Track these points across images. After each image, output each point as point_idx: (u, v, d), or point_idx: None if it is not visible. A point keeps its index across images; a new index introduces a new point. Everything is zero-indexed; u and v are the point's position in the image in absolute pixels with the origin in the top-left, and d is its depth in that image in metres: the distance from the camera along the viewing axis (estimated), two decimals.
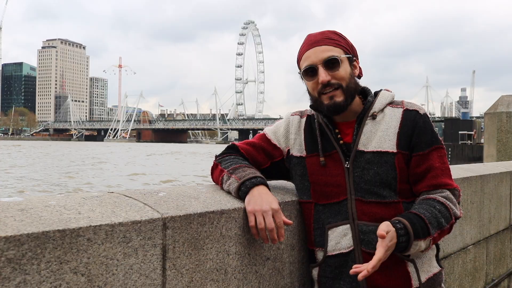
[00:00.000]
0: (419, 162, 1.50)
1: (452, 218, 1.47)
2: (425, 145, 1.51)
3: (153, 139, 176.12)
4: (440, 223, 1.43)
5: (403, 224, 1.37)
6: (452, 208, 1.47)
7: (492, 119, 7.67)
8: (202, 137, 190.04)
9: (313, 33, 1.59)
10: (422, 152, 1.50)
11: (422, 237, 1.39)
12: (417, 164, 1.50)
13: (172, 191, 1.41)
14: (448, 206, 1.46)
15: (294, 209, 1.62)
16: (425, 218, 1.40)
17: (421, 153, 1.50)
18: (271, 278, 1.53)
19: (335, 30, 1.59)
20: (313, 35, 1.57)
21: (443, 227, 1.44)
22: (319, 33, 1.57)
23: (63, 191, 18.71)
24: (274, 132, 1.68)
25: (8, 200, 1.07)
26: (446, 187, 1.50)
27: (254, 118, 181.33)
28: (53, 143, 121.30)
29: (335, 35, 1.56)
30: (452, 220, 1.47)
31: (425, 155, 1.50)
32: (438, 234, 1.44)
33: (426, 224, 1.39)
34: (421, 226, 1.39)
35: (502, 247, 3.80)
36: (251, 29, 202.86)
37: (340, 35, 1.58)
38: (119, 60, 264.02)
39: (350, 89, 1.52)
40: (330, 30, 1.59)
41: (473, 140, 47.41)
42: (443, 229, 1.45)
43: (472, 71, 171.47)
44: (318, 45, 1.52)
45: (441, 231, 1.44)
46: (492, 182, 3.45)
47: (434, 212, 1.43)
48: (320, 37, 1.54)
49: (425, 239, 1.40)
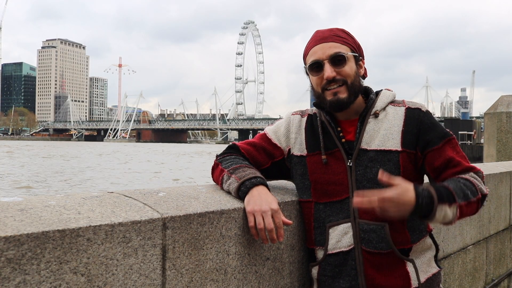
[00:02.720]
0: (436, 156, 1.49)
1: (479, 193, 1.43)
2: (438, 139, 1.50)
3: (153, 139, 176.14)
4: (466, 195, 1.38)
5: (424, 187, 1.33)
6: (478, 184, 1.44)
7: (492, 119, 7.67)
8: (202, 137, 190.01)
9: (322, 29, 1.60)
10: (437, 146, 1.50)
11: (447, 201, 1.34)
12: (434, 159, 1.49)
13: (172, 191, 1.41)
14: (474, 181, 1.44)
15: (294, 209, 1.62)
16: (449, 187, 1.37)
17: (435, 147, 1.49)
18: (271, 278, 1.53)
19: (343, 28, 1.59)
20: (321, 32, 1.57)
21: (470, 199, 1.39)
22: (327, 30, 1.58)
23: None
24: (275, 131, 1.68)
25: (8, 200, 1.07)
26: (470, 170, 1.49)
27: (254, 118, 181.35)
28: (51, 143, 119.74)
29: (343, 33, 1.57)
30: (479, 195, 1.43)
31: (439, 148, 1.50)
32: (465, 205, 1.38)
33: (451, 192, 1.35)
34: (446, 192, 1.35)
35: (502, 247, 3.80)
36: (251, 29, 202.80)
37: (348, 33, 1.58)
38: (119, 60, 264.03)
39: (354, 87, 1.52)
40: (339, 27, 1.59)
41: (473, 140, 47.43)
42: (470, 201, 1.40)
43: (472, 71, 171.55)
44: (325, 41, 1.52)
45: (468, 202, 1.39)
46: (492, 182, 3.45)
47: (459, 184, 1.40)
48: (328, 34, 1.55)
49: (451, 205, 1.34)
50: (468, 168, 1.49)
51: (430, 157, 1.50)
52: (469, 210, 1.41)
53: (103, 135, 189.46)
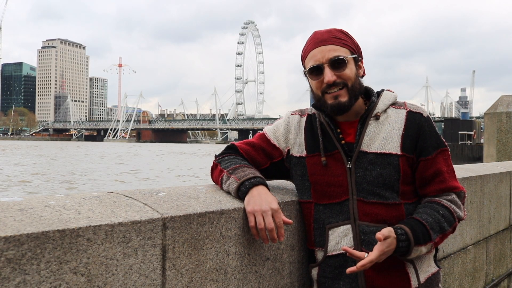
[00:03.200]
0: (427, 166, 1.51)
1: (456, 220, 1.50)
2: (432, 148, 1.51)
3: (153, 139, 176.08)
4: (442, 228, 1.45)
5: (404, 230, 1.39)
6: (456, 212, 1.50)
7: (492, 119, 7.67)
8: (202, 137, 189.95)
9: (320, 30, 1.56)
10: (430, 156, 1.51)
11: (423, 243, 1.42)
12: (425, 168, 1.51)
13: (172, 191, 1.41)
14: (452, 209, 1.49)
15: (294, 209, 1.61)
16: (426, 224, 1.42)
17: (429, 157, 1.51)
18: (271, 278, 1.53)
19: (341, 28, 1.57)
20: (320, 33, 1.54)
21: (446, 231, 1.47)
22: (326, 31, 1.54)
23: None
24: (274, 132, 1.67)
25: (8, 200, 1.07)
26: (453, 190, 1.52)
27: (254, 118, 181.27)
28: (49, 143, 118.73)
29: (342, 34, 1.54)
30: (455, 222, 1.50)
31: (432, 159, 1.51)
32: (440, 238, 1.46)
33: (427, 230, 1.42)
34: (422, 232, 1.41)
35: (502, 247, 3.80)
36: (251, 29, 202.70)
37: (347, 34, 1.55)
38: (119, 60, 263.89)
39: (355, 89, 1.51)
40: (337, 28, 1.56)
41: (473, 140, 47.40)
42: (446, 233, 1.48)
43: (472, 71, 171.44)
44: (324, 44, 1.50)
45: (443, 234, 1.47)
46: (492, 182, 3.45)
47: (437, 217, 1.45)
48: (327, 36, 1.51)
49: (426, 244, 1.43)
50: (451, 187, 1.52)
51: (422, 166, 1.51)
52: (444, 238, 1.49)
53: (103, 135, 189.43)
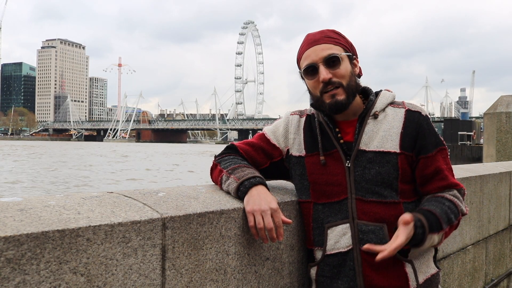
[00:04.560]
0: (427, 164, 1.52)
1: (460, 214, 1.52)
2: (432, 146, 1.53)
3: (153, 139, 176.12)
4: (450, 219, 1.47)
5: (418, 217, 1.40)
6: (459, 205, 1.52)
7: (492, 119, 7.68)
8: (202, 137, 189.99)
9: (312, 32, 1.59)
10: (430, 154, 1.52)
11: (436, 231, 1.42)
12: (425, 166, 1.52)
13: (171, 191, 1.42)
14: (456, 203, 1.51)
15: (293, 209, 1.62)
16: (436, 214, 1.43)
17: (429, 155, 1.52)
18: (271, 278, 1.53)
19: (334, 29, 1.60)
20: (312, 34, 1.57)
21: (453, 223, 1.49)
22: (318, 32, 1.57)
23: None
24: (273, 131, 1.68)
25: (8, 200, 1.07)
26: (454, 187, 1.54)
27: (254, 118, 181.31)
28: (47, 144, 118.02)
29: (334, 34, 1.56)
30: (460, 216, 1.52)
31: (432, 156, 1.52)
32: (449, 229, 1.48)
33: (438, 219, 1.43)
34: (434, 221, 1.42)
35: (501, 247, 3.80)
36: (251, 30, 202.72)
37: (339, 33, 1.58)
38: (119, 59, 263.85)
39: (351, 87, 1.52)
40: (329, 29, 1.59)
41: (473, 141, 47.40)
42: (453, 224, 1.49)
43: (472, 71, 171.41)
44: (317, 44, 1.52)
45: (451, 226, 1.48)
46: (491, 183, 3.46)
47: (444, 208, 1.47)
48: (320, 36, 1.54)
49: (438, 233, 1.44)
50: (452, 184, 1.54)
51: (422, 163, 1.52)
52: (451, 231, 1.51)
53: (102, 135, 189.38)
